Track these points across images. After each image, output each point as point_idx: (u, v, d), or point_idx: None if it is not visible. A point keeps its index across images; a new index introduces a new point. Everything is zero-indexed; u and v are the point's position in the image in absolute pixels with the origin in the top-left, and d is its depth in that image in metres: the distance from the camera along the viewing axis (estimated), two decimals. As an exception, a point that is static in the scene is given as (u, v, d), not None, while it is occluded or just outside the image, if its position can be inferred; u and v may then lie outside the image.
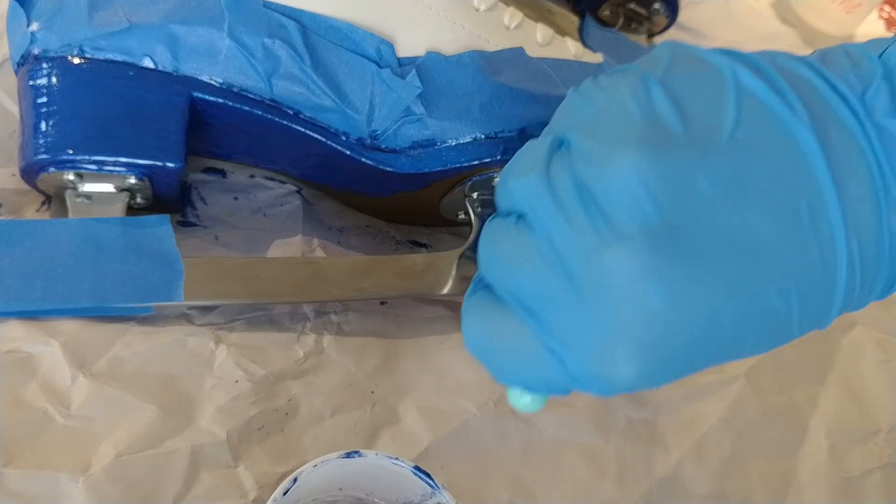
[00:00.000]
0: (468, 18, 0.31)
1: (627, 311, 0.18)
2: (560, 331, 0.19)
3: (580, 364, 0.19)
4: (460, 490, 0.28)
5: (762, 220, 0.18)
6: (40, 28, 0.27)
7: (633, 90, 0.19)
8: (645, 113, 0.18)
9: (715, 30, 0.52)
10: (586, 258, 0.18)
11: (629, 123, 0.18)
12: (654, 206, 0.17)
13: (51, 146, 0.27)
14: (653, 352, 0.18)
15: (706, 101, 0.19)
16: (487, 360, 0.21)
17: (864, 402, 0.37)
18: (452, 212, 0.33)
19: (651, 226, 0.17)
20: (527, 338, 0.20)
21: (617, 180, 0.18)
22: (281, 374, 0.28)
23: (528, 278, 0.19)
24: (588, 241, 0.18)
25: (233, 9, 0.28)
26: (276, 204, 0.33)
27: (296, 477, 0.21)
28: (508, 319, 0.20)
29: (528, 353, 0.20)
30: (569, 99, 0.21)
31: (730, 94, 0.18)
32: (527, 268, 0.19)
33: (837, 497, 0.33)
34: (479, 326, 0.21)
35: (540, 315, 0.19)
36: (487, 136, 0.30)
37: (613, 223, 0.18)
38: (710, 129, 0.18)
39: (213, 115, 0.29)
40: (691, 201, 0.18)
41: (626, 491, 0.30)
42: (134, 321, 0.28)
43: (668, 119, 0.18)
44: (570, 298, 0.18)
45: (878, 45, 0.20)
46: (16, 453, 0.24)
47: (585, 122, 0.19)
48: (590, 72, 0.32)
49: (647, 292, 0.17)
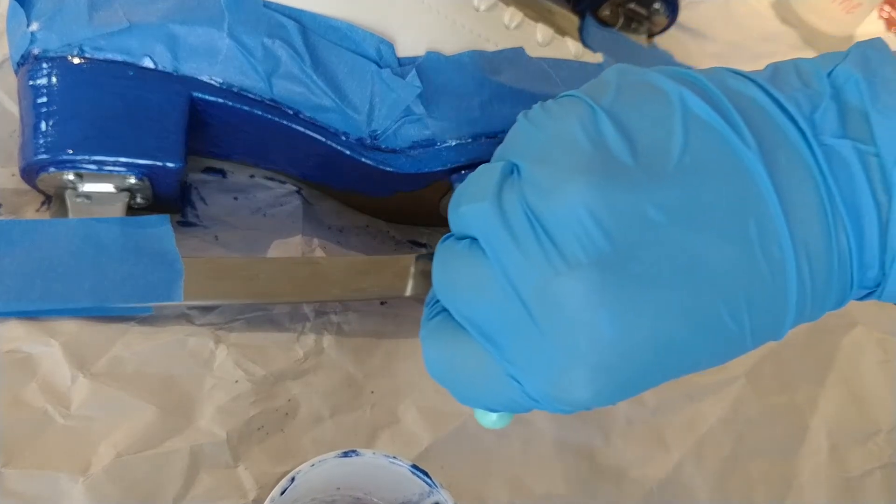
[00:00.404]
0: (468, 18, 0.31)
1: (580, 337, 0.18)
2: (516, 356, 0.19)
3: (537, 388, 0.19)
4: (460, 490, 0.28)
5: (712, 244, 0.18)
6: (40, 28, 0.27)
7: (581, 118, 0.19)
8: (593, 142, 0.19)
9: (715, 30, 0.52)
10: (538, 286, 0.18)
11: (577, 152, 0.19)
12: (602, 234, 0.18)
13: (51, 146, 0.27)
14: (607, 375, 0.19)
15: (654, 128, 0.19)
16: (449, 385, 0.22)
17: (864, 402, 0.37)
18: (452, 212, 0.33)
19: (600, 254, 0.18)
20: (486, 362, 0.20)
21: (566, 210, 0.18)
22: (281, 374, 0.28)
23: (482, 304, 0.20)
24: (539, 270, 0.18)
25: (233, 9, 0.28)
26: (275, 204, 0.33)
27: (293, 476, 0.21)
28: (467, 344, 0.20)
29: (488, 377, 0.20)
30: (519, 124, 0.21)
31: (677, 120, 0.19)
32: (481, 294, 0.20)
33: (838, 497, 0.33)
34: (439, 352, 0.21)
35: (496, 340, 0.20)
36: (487, 135, 0.30)
37: (563, 252, 0.18)
38: (658, 156, 0.18)
39: (213, 114, 0.29)
40: (640, 229, 0.18)
41: (626, 491, 0.30)
42: (134, 321, 0.28)
43: (615, 147, 0.18)
44: (524, 325, 0.19)
45: (829, 62, 0.20)
46: (16, 453, 0.24)
47: (535, 149, 0.20)
48: (589, 71, 0.32)
49: (599, 319, 0.18)
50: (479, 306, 0.20)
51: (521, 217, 0.19)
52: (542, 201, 0.18)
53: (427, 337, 0.22)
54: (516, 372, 0.20)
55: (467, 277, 0.20)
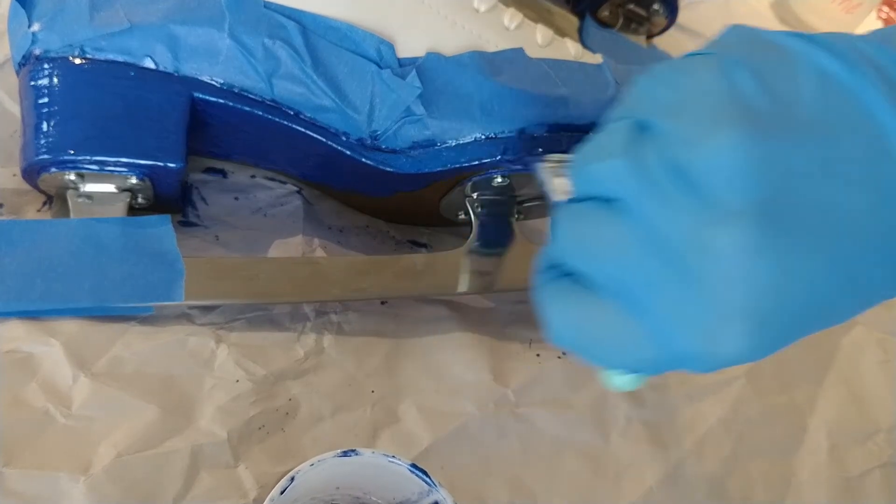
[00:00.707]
0: (468, 19, 0.31)
1: (737, 287, 0.18)
2: (663, 312, 0.19)
3: (687, 343, 0.19)
4: (460, 490, 0.28)
5: (852, 194, 0.18)
6: (41, 28, 0.27)
7: (717, 72, 0.19)
8: (732, 94, 0.19)
9: (714, 30, 0.52)
10: (690, 237, 0.18)
11: (720, 104, 0.19)
12: (756, 183, 0.18)
13: (52, 146, 0.27)
14: (763, 326, 0.18)
15: (786, 82, 0.19)
16: (581, 348, 0.21)
17: (863, 401, 0.37)
18: (452, 212, 0.33)
19: (754, 202, 0.18)
20: (624, 321, 0.20)
21: (716, 160, 0.18)
22: (281, 373, 0.28)
23: (623, 262, 0.19)
24: (691, 220, 0.18)
25: (233, 9, 0.28)
26: (276, 204, 0.33)
27: (293, 476, 0.21)
28: (600, 305, 0.20)
29: (627, 336, 0.20)
30: (642, 83, 0.21)
31: (807, 74, 0.19)
32: (621, 251, 0.19)
33: (837, 497, 0.33)
34: (567, 316, 0.21)
35: (640, 297, 0.19)
36: (487, 136, 0.30)
37: (717, 201, 0.18)
38: (795, 108, 0.19)
39: (214, 115, 0.29)
40: (788, 178, 0.18)
41: (627, 492, 0.30)
42: (135, 321, 0.28)
43: (755, 99, 0.19)
44: (673, 279, 0.19)
45: None
46: (16, 453, 0.24)
47: (669, 104, 0.20)
48: (589, 72, 0.32)
49: (757, 268, 0.18)
50: (618, 264, 0.20)
51: (664, 170, 0.19)
52: (687, 153, 0.18)
53: (552, 302, 0.21)
54: (662, 329, 0.19)
55: (603, 236, 0.20)
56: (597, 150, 0.21)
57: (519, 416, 0.31)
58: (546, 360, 0.33)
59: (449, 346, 0.32)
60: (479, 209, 0.32)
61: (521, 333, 0.33)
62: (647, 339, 0.20)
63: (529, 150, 0.30)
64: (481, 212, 0.32)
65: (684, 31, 0.51)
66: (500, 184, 0.31)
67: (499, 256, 0.31)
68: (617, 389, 0.23)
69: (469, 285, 0.31)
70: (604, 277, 0.20)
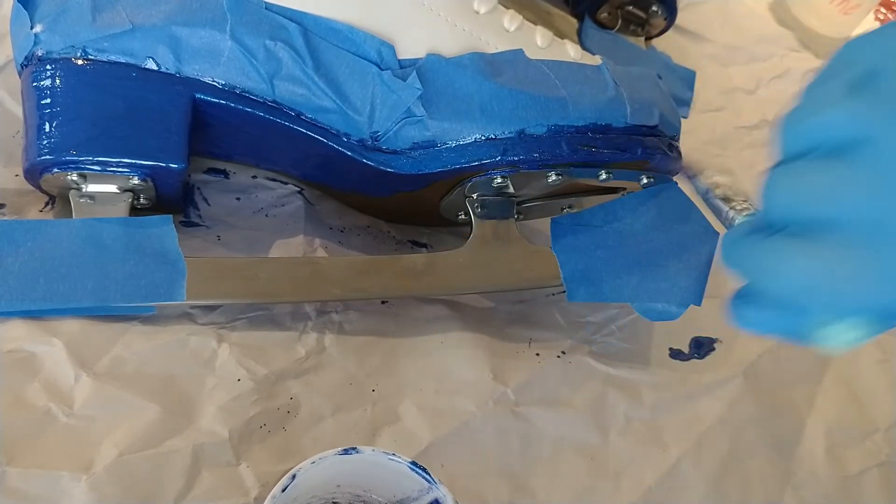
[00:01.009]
0: (468, 21, 0.31)
1: None
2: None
3: None
4: (460, 489, 0.28)
5: None
6: (44, 30, 0.27)
7: None
8: None
9: (713, 32, 0.52)
10: None
11: None
12: None
13: (54, 147, 0.27)
14: None
15: None
16: (809, 296, 0.21)
17: (862, 401, 0.37)
18: (452, 212, 0.33)
19: None
20: (866, 262, 0.20)
21: None
22: (282, 373, 0.29)
23: (873, 204, 0.19)
24: None
25: (235, 11, 0.28)
26: (277, 204, 0.33)
27: (294, 474, 0.21)
28: (834, 253, 0.20)
29: (868, 281, 0.20)
30: (867, 35, 0.21)
31: None
32: (871, 195, 0.19)
33: (835, 496, 0.33)
34: (797, 265, 0.21)
35: (890, 234, 0.19)
36: (487, 137, 0.30)
37: None
38: None
39: (216, 116, 0.29)
40: None
41: (626, 491, 0.30)
42: (136, 320, 0.28)
43: None
44: None
45: None
46: (18, 452, 0.24)
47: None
48: (588, 74, 0.32)
49: None
50: (861, 204, 0.19)
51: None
52: None
53: (775, 258, 0.21)
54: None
55: (841, 179, 0.20)
56: (814, 105, 0.21)
57: (518, 415, 0.31)
58: (545, 360, 0.33)
59: (449, 345, 0.32)
60: (479, 210, 0.32)
61: (521, 333, 0.33)
62: (889, 283, 0.19)
63: (529, 150, 0.30)
64: (481, 212, 0.32)
65: (683, 32, 0.51)
66: (500, 184, 0.31)
67: (499, 257, 0.32)
68: (839, 348, 0.22)
69: (469, 285, 0.31)
70: (836, 224, 0.20)
